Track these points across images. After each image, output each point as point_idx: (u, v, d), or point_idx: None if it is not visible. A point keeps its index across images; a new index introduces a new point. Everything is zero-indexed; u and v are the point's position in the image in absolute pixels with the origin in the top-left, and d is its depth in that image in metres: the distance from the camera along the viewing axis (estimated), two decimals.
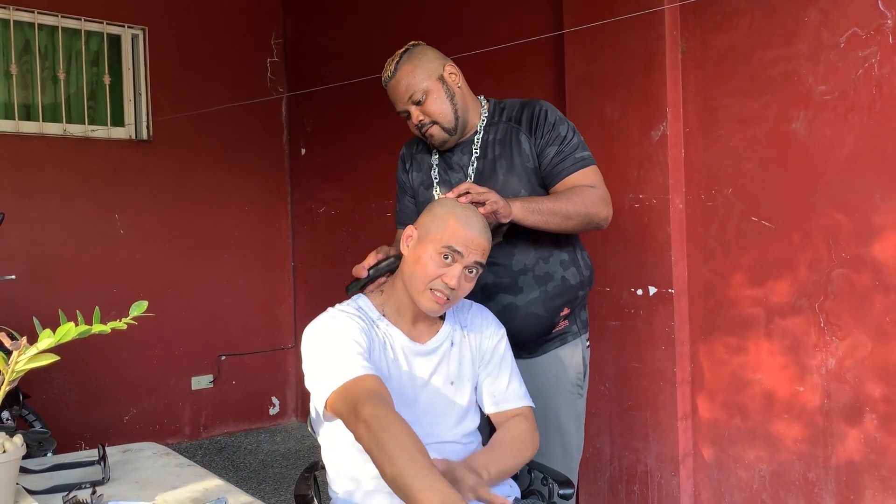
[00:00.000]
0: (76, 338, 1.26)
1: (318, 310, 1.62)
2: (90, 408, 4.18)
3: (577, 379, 2.02)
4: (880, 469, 2.28)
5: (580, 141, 1.91)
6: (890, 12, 2.21)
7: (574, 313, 2.01)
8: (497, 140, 1.93)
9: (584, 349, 2.05)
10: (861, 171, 2.29)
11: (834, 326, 2.37)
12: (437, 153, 2.03)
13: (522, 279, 1.91)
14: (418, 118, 1.90)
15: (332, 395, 1.41)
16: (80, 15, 4.21)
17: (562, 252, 1.96)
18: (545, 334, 1.97)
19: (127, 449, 1.74)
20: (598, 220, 1.83)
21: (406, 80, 1.88)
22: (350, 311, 1.59)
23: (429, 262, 1.53)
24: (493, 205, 1.63)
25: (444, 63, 1.92)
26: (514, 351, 1.89)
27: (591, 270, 2.05)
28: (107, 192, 4.27)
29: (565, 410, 2.00)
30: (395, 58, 1.91)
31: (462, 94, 1.93)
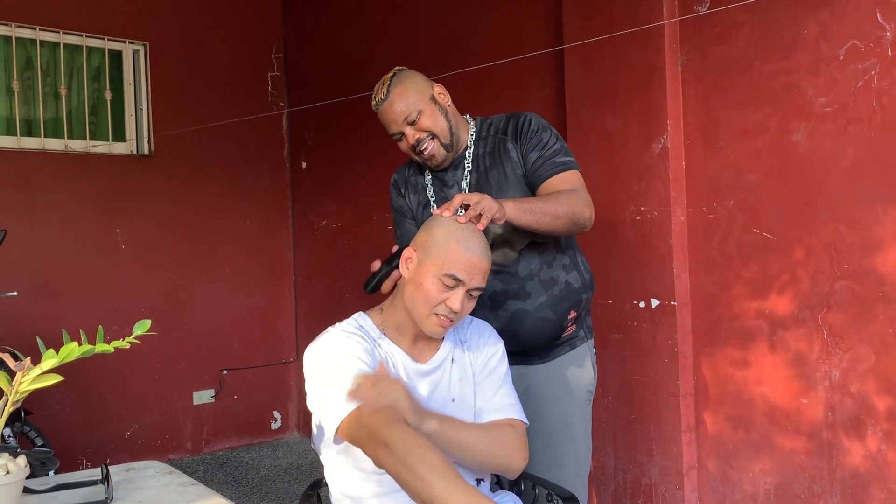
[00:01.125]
0: (79, 357, 1.26)
1: (319, 323, 1.61)
2: (92, 424, 4.17)
3: (588, 384, 2.06)
4: (886, 481, 2.27)
5: (563, 147, 1.96)
6: (889, 24, 2.22)
7: (580, 317, 2.04)
8: (487, 153, 1.99)
9: (591, 354, 2.09)
10: (862, 183, 2.29)
11: (837, 338, 2.36)
12: (429, 173, 2.07)
13: (529, 284, 1.94)
14: (414, 137, 1.93)
15: (345, 420, 1.41)
16: (81, 31, 4.23)
17: (563, 256, 2.00)
18: (555, 338, 2.00)
19: (130, 468, 1.73)
20: (582, 220, 1.85)
21: (399, 101, 1.92)
22: (351, 330, 1.58)
23: (431, 288, 1.51)
24: (488, 212, 1.61)
25: (432, 84, 1.99)
26: (526, 357, 1.99)
27: (591, 274, 2.09)
28: (108, 207, 4.28)
29: (578, 416, 2.03)
30: (384, 82, 1.96)
31: (453, 112, 2.00)
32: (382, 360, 1.56)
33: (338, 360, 1.49)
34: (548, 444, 1.98)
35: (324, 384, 1.49)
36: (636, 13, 2.73)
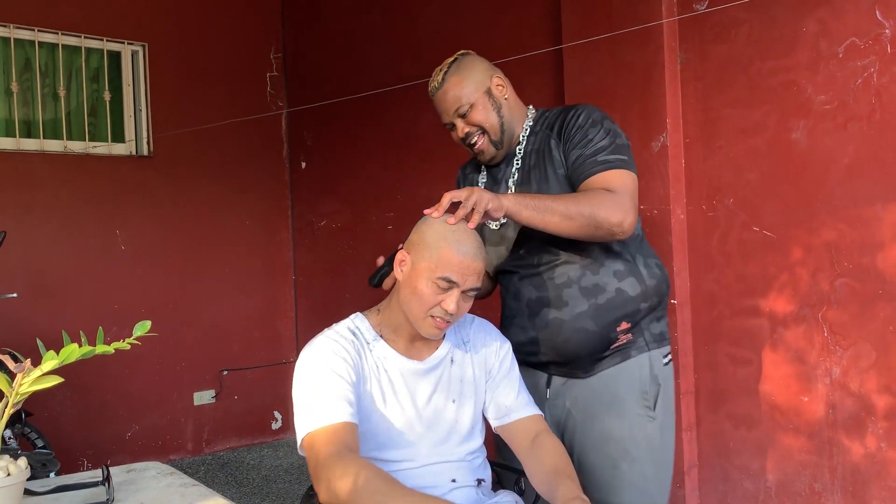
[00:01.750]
0: (80, 359, 1.26)
1: (319, 323, 1.61)
2: (92, 425, 4.17)
3: (642, 398, 1.82)
4: (886, 479, 2.27)
5: (612, 143, 1.75)
6: (888, 21, 2.22)
7: (639, 327, 1.83)
8: (534, 150, 1.86)
9: (656, 365, 1.85)
10: (862, 181, 2.29)
11: (837, 336, 2.36)
12: (485, 170, 1.98)
13: (567, 292, 1.79)
14: (464, 130, 1.85)
15: (304, 439, 1.44)
16: (80, 32, 4.22)
17: (616, 262, 1.81)
18: (600, 350, 1.81)
19: (131, 469, 1.73)
20: (607, 224, 1.65)
21: (453, 91, 1.83)
22: (343, 334, 1.57)
23: (425, 291, 1.50)
24: (480, 207, 1.53)
25: (492, 74, 1.87)
26: (566, 370, 1.84)
27: (660, 279, 1.86)
28: (107, 208, 4.27)
29: (631, 435, 1.81)
30: (442, 68, 1.86)
31: (509, 106, 1.87)
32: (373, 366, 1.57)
33: (313, 376, 1.49)
34: (601, 462, 1.82)
35: (298, 395, 1.51)
36: (635, 12, 2.73)
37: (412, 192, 3.97)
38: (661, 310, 1.89)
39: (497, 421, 1.69)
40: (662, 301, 1.88)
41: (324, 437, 1.40)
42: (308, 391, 1.48)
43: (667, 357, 1.88)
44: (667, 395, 1.86)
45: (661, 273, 1.87)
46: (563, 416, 1.87)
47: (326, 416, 1.42)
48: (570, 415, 1.86)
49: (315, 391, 1.47)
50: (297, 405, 1.49)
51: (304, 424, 1.45)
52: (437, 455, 1.58)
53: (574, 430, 1.85)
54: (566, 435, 1.88)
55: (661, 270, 1.88)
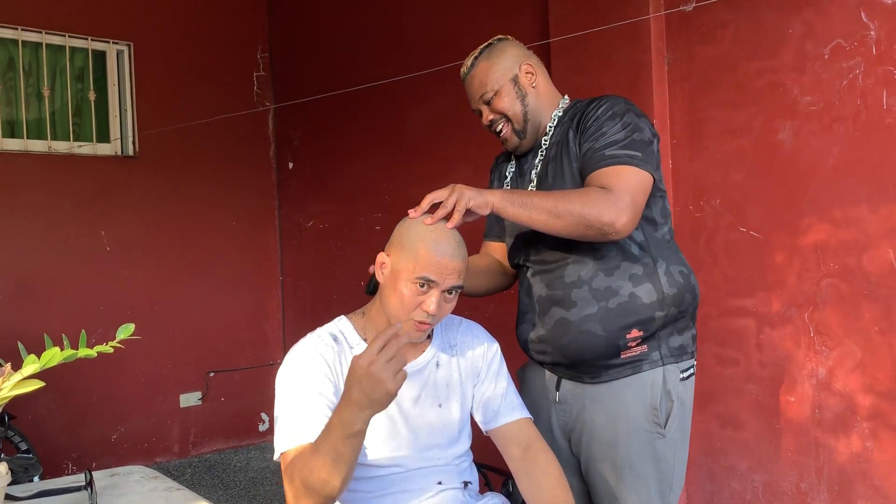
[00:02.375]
0: (62, 362, 1.24)
1: (307, 324, 1.60)
2: (77, 427, 4.13)
3: (652, 414, 1.73)
4: (872, 478, 2.28)
5: (627, 139, 1.66)
6: (873, 23, 2.23)
7: (656, 337, 1.73)
8: (556, 141, 1.80)
9: (670, 381, 1.74)
10: (847, 182, 2.30)
11: (823, 336, 2.37)
12: (514, 160, 1.93)
13: (576, 292, 1.72)
14: (488, 117, 1.83)
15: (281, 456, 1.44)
16: (64, 31, 4.19)
17: (634, 265, 1.72)
18: (607, 357, 1.72)
19: (114, 473, 1.71)
20: (598, 224, 1.57)
21: (479, 77, 1.81)
22: (326, 339, 1.56)
23: (405, 294, 1.49)
24: (462, 205, 1.50)
25: (522, 62, 1.82)
26: (574, 372, 1.78)
27: (682, 288, 1.75)
28: (92, 208, 4.24)
29: (637, 450, 1.73)
30: (474, 53, 1.84)
31: (536, 95, 1.81)
32: None
33: (292, 391, 1.49)
34: (608, 473, 1.76)
35: (277, 406, 1.50)
36: (622, 11, 2.73)
37: (400, 193, 3.96)
38: (685, 321, 1.78)
39: (485, 424, 1.69)
40: (685, 312, 1.77)
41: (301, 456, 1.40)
42: (286, 406, 1.48)
43: (686, 372, 1.77)
44: (683, 411, 1.76)
45: (684, 282, 1.76)
46: (571, 422, 1.82)
47: (304, 436, 1.42)
48: (578, 423, 1.80)
49: (293, 406, 1.46)
50: (276, 417, 1.50)
51: (282, 440, 1.45)
52: (424, 460, 1.57)
53: (581, 437, 1.80)
54: (573, 440, 1.83)
55: (685, 279, 1.77)
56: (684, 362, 1.77)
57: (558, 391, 1.83)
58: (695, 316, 1.83)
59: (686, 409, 1.78)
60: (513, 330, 1.92)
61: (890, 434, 2.24)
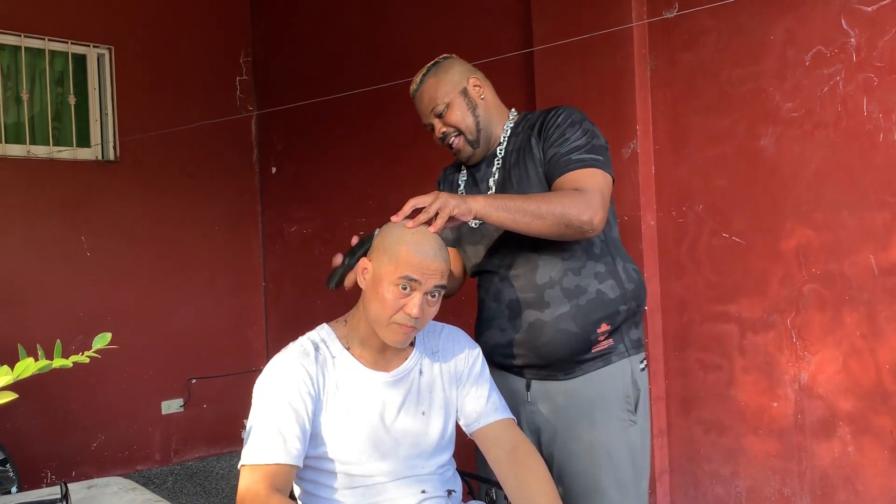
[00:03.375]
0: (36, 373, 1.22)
1: (290, 330, 1.58)
2: (56, 435, 4.07)
3: (625, 403, 1.83)
4: (854, 483, 2.29)
5: (589, 143, 1.77)
6: (853, 31, 2.24)
7: (619, 331, 1.84)
8: (515, 149, 1.88)
9: (635, 371, 1.86)
10: (828, 187, 2.32)
11: (806, 342, 2.38)
12: (465, 170, 1.99)
13: (549, 293, 1.79)
14: (441, 130, 1.89)
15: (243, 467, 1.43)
16: (44, 35, 4.14)
17: (597, 263, 1.82)
18: (581, 353, 1.81)
19: (92, 485, 1.69)
20: (577, 222, 1.65)
21: (429, 92, 1.88)
22: (308, 349, 1.54)
23: (387, 296, 1.48)
24: (445, 211, 1.53)
25: (470, 76, 1.90)
26: (547, 372, 1.84)
27: (638, 283, 1.88)
28: (72, 213, 4.19)
29: (614, 439, 1.82)
30: (422, 71, 1.91)
31: (486, 106, 1.90)
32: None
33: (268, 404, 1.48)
34: (586, 467, 1.82)
35: (252, 416, 1.49)
36: (605, 19, 2.74)
37: (384, 198, 3.95)
38: (639, 315, 1.90)
39: (468, 427, 1.68)
40: (640, 306, 1.90)
41: (258, 474, 1.40)
42: (260, 418, 1.47)
43: (643, 363, 1.90)
44: (644, 400, 1.88)
45: (638, 278, 1.89)
46: (541, 423, 1.86)
47: (268, 454, 1.41)
48: (550, 422, 1.84)
49: (267, 420, 1.45)
50: (249, 427, 1.48)
51: (247, 452, 1.44)
52: (408, 469, 1.56)
53: (554, 437, 1.84)
54: (543, 441, 1.86)
55: (637, 275, 1.89)
56: (641, 353, 1.89)
57: (529, 392, 1.87)
58: (643, 311, 1.94)
59: (646, 399, 1.90)
60: None
61: (872, 439, 2.25)
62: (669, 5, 2.66)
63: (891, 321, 2.20)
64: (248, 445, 1.44)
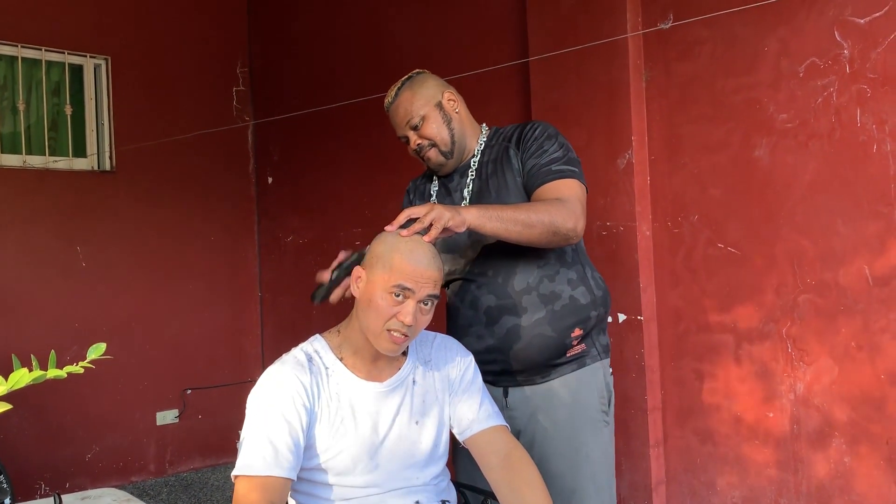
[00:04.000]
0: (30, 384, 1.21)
1: (286, 340, 1.58)
2: (50, 447, 4.05)
3: (600, 404, 1.92)
4: (850, 493, 2.29)
5: (565, 156, 1.87)
6: (846, 42, 2.26)
7: (590, 336, 1.92)
8: (491, 160, 1.94)
9: (607, 375, 1.95)
10: (823, 198, 2.33)
11: (801, 351, 2.38)
12: (437, 180, 2.05)
13: (526, 299, 1.86)
14: (416, 142, 1.94)
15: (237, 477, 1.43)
16: (40, 45, 4.15)
17: (569, 270, 1.90)
18: (556, 357, 1.87)
19: (85, 496, 1.68)
20: (563, 230, 1.74)
21: (405, 106, 1.93)
22: (301, 360, 1.54)
23: (381, 304, 1.49)
24: (439, 222, 1.55)
25: (444, 90, 1.96)
26: (525, 376, 1.88)
27: (605, 291, 1.97)
28: (68, 224, 4.18)
29: (592, 439, 1.89)
30: (396, 84, 1.96)
31: (460, 120, 1.96)
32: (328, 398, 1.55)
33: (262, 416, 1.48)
34: (564, 468, 1.86)
35: (245, 428, 1.49)
36: (600, 29, 2.75)
37: (380, 207, 3.95)
38: (605, 321, 1.99)
39: (461, 434, 1.67)
40: (607, 312, 1.99)
41: (252, 485, 1.40)
42: (255, 430, 1.46)
43: (610, 367, 1.99)
44: (613, 403, 1.97)
45: (604, 286, 1.98)
46: (521, 427, 1.90)
47: (263, 466, 1.41)
48: (529, 425, 1.89)
49: (261, 432, 1.45)
50: (243, 439, 1.48)
51: (241, 463, 1.43)
52: (402, 480, 1.56)
53: (532, 440, 1.87)
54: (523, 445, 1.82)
55: (603, 283, 1.99)
56: (608, 359, 1.98)
57: (507, 398, 1.91)
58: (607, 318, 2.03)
59: (613, 402, 1.98)
60: None
61: (868, 448, 2.25)
62: (664, 16, 2.67)
63: (885, 330, 2.21)
64: (241, 456, 1.44)
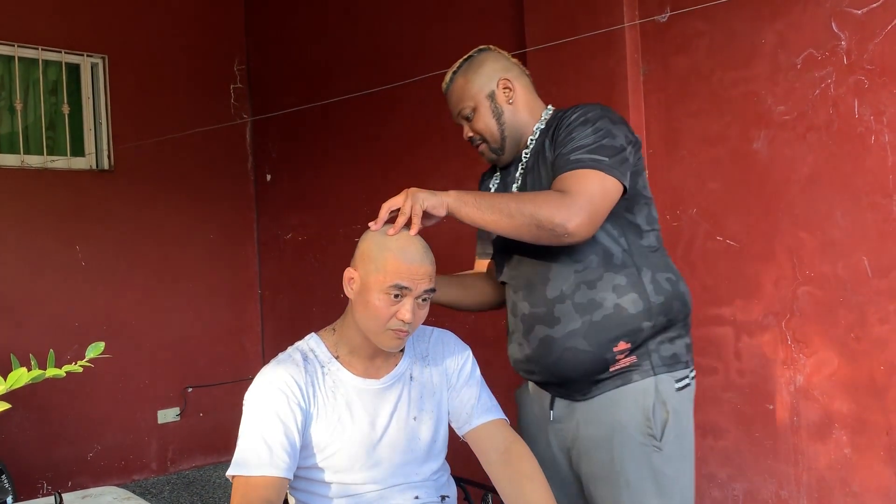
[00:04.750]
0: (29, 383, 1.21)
1: (286, 337, 1.58)
2: (52, 445, 4.06)
3: (645, 425, 1.64)
4: (850, 485, 2.29)
5: (595, 144, 1.61)
6: (843, 34, 2.25)
7: (645, 347, 1.66)
8: (534, 152, 1.77)
9: (665, 390, 1.66)
10: (821, 190, 2.32)
11: (801, 344, 2.39)
12: (499, 172, 1.91)
13: (559, 308, 1.66)
14: (467, 134, 1.82)
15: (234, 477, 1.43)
16: (37, 44, 4.14)
17: (617, 275, 1.65)
18: (596, 373, 1.66)
19: (86, 495, 1.68)
20: (549, 225, 1.52)
21: (457, 94, 1.80)
22: (297, 359, 1.54)
23: (379, 305, 1.48)
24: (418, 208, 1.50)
25: (500, 77, 1.78)
26: (562, 391, 1.73)
27: (670, 296, 1.68)
28: (67, 223, 4.18)
29: (634, 465, 1.64)
30: (454, 67, 1.82)
31: (514, 110, 1.78)
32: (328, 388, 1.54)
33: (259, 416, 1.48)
34: (605, 494, 1.68)
35: (242, 428, 1.49)
36: (597, 22, 2.75)
37: (379, 204, 3.92)
38: (676, 330, 1.71)
39: (460, 429, 1.67)
40: (676, 320, 1.70)
41: (249, 486, 1.40)
42: (250, 430, 1.47)
43: (682, 381, 1.69)
44: (679, 423, 1.68)
45: (672, 290, 1.69)
46: (569, 440, 1.74)
47: (259, 467, 1.41)
48: (576, 439, 1.72)
49: (256, 432, 1.45)
50: (239, 438, 1.48)
51: (237, 463, 1.44)
52: (401, 476, 1.56)
53: (580, 457, 1.72)
54: (573, 460, 1.74)
55: (672, 287, 1.70)
56: (678, 371, 1.69)
57: (552, 410, 1.76)
58: (687, 324, 1.75)
59: (684, 421, 1.69)
60: (492, 342, 1.91)
61: (868, 441, 2.25)
62: (661, 9, 2.67)
63: (884, 322, 2.21)
64: (237, 457, 1.44)
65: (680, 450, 1.68)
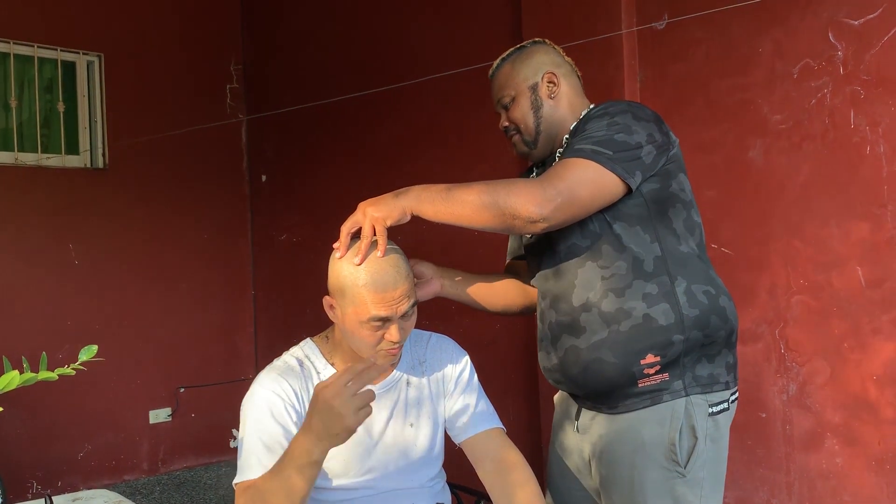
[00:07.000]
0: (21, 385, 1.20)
1: (279, 339, 1.57)
2: (43, 445, 4.03)
3: (669, 450, 1.54)
4: (842, 494, 2.29)
5: (605, 137, 1.53)
6: (840, 44, 2.26)
7: (678, 364, 1.55)
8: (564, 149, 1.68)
9: (696, 414, 1.55)
10: (816, 199, 2.33)
11: (794, 353, 2.39)
12: (535, 171, 1.84)
13: (585, 317, 1.58)
14: (503, 123, 1.77)
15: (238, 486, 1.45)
16: (32, 42, 4.12)
17: (648, 283, 1.55)
18: (623, 386, 1.56)
19: (77, 497, 1.67)
20: (523, 214, 1.43)
21: (500, 81, 1.76)
22: (293, 365, 1.54)
23: (364, 333, 1.46)
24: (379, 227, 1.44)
25: (546, 70, 1.72)
26: (591, 402, 1.66)
27: (706, 310, 1.56)
28: (61, 221, 4.16)
29: (653, 489, 1.55)
30: (504, 54, 1.78)
31: (554, 106, 1.71)
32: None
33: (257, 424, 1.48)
34: None
35: (242, 436, 1.50)
36: (595, 28, 2.75)
37: None
38: (716, 348, 1.60)
39: (456, 437, 1.67)
40: (714, 337, 1.58)
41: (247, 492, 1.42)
42: (249, 436, 1.47)
43: (718, 406, 1.59)
44: (710, 450, 1.58)
45: (709, 303, 1.57)
46: (592, 454, 1.68)
47: (261, 471, 1.43)
48: (599, 452, 1.65)
49: (256, 438, 1.46)
50: (240, 446, 1.49)
51: (240, 469, 1.45)
52: (396, 482, 1.56)
53: (601, 469, 1.65)
54: (593, 472, 1.69)
55: (710, 300, 1.58)
56: (715, 394, 1.58)
57: (577, 420, 1.71)
58: (731, 343, 1.64)
59: (716, 448, 1.59)
60: (486, 346, 1.90)
61: (860, 450, 2.26)
62: (659, 16, 2.67)
63: (877, 332, 2.21)
64: (239, 463, 1.45)
65: (709, 477, 1.58)
